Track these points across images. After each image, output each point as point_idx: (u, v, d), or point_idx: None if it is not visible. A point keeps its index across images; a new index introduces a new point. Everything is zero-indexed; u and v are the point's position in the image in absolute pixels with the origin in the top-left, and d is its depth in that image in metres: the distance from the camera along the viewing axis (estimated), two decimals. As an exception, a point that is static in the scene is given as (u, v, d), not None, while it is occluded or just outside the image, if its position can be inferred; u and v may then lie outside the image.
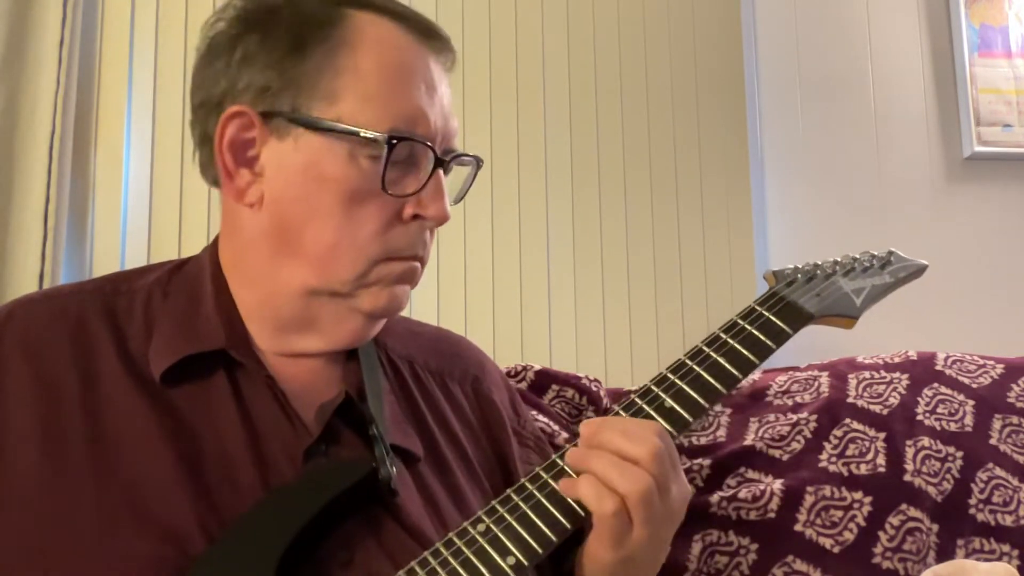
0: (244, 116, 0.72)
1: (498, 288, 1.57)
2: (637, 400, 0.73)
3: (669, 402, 0.73)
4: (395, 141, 0.70)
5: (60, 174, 1.37)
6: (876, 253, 0.87)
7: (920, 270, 0.86)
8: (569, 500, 0.68)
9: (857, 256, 0.87)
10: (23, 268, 1.35)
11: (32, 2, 1.41)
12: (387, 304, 0.75)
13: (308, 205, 0.72)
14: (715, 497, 1.14)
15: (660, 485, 0.66)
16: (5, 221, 1.37)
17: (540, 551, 0.66)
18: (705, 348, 0.78)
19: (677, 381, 0.74)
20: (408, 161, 0.73)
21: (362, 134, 0.70)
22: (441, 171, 0.75)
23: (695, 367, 0.76)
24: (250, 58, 0.73)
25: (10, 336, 0.72)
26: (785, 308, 0.80)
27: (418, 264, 0.77)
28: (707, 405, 0.73)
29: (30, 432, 0.68)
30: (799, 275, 0.84)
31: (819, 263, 0.85)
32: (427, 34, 0.76)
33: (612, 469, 0.66)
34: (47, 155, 1.37)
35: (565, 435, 1.20)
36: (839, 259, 0.86)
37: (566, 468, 0.70)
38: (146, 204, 1.46)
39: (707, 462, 1.19)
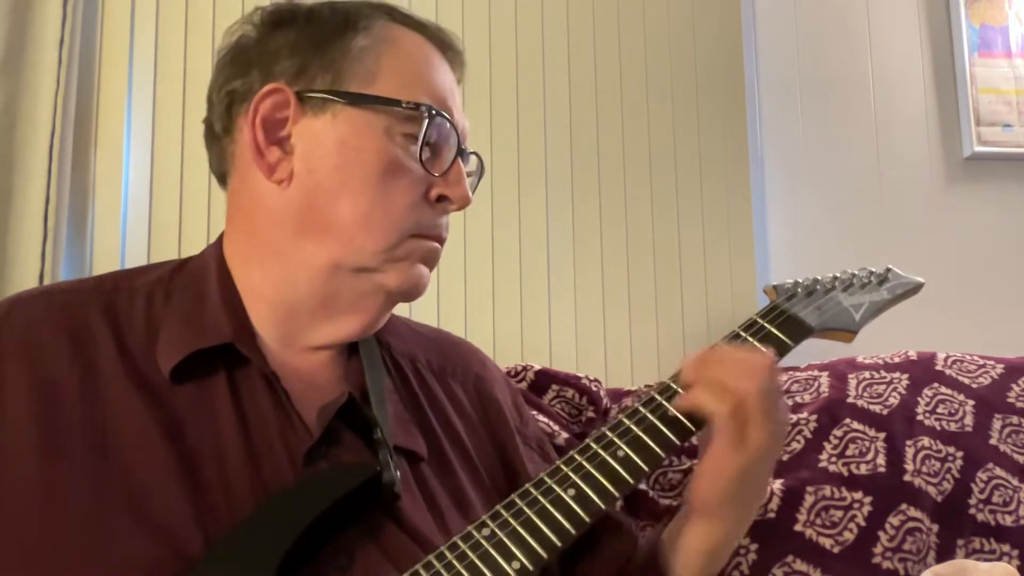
0: (280, 93, 0.74)
1: (498, 288, 1.57)
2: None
3: (672, 412, 0.73)
4: (435, 112, 0.74)
5: (60, 174, 1.37)
6: (874, 270, 0.89)
7: (916, 288, 0.88)
8: (574, 506, 0.68)
9: (856, 272, 0.88)
10: (23, 268, 1.35)
11: (32, 2, 1.41)
12: (413, 282, 0.76)
13: (343, 177, 0.73)
14: (715, 497, 1.14)
15: (773, 388, 0.70)
16: (5, 221, 1.37)
17: (545, 556, 0.65)
18: None
19: (682, 392, 0.74)
20: (435, 145, 0.77)
21: (404, 104, 0.73)
22: (460, 160, 0.78)
23: None
24: (288, 45, 0.76)
25: (8, 332, 0.72)
26: (786, 321, 0.81)
27: (440, 246, 0.79)
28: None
29: (27, 430, 0.67)
30: (799, 289, 0.85)
31: (819, 278, 0.87)
32: (447, 47, 0.82)
33: (731, 370, 0.70)
34: (47, 155, 1.37)
35: (565, 435, 1.20)
36: (838, 274, 0.88)
37: (567, 470, 0.70)
38: (146, 204, 1.46)
39: (707, 462, 1.19)
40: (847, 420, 1.21)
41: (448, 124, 0.76)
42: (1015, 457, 1.18)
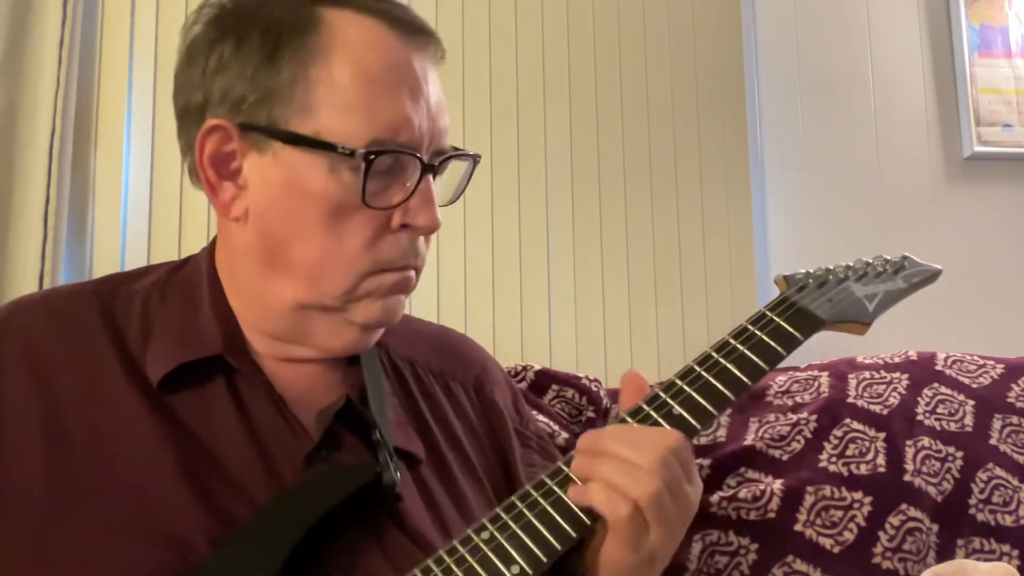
0: (222, 130, 0.71)
1: (498, 288, 1.57)
2: (645, 407, 0.71)
3: (678, 409, 0.71)
4: (372, 156, 0.68)
5: (60, 174, 1.37)
6: (889, 258, 0.85)
7: (934, 275, 0.84)
8: (575, 508, 0.66)
9: (870, 260, 0.84)
10: (23, 268, 1.35)
11: (32, 2, 1.41)
12: (380, 316, 0.74)
13: (292, 221, 0.70)
14: (715, 497, 1.14)
15: (671, 488, 0.65)
16: (5, 221, 1.37)
17: (545, 560, 0.65)
18: (714, 354, 0.75)
19: (686, 388, 0.72)
20: (393, 170, 0.71)
21: (339, 149, 0.68)
22: (430, 177, 0.72)
23: (704, 373, 0.73)
24: (225, 67, 0.71)
25: (9, 339, 0.72)
26: (796, 314, 0.78)
27: (412, 273, 0.74)
28: (716, 412, 0.72)
29: (30, 436, 0.67)
30: (810, 280, 0.82)
31: (831, 268, 0.83)
32: (410, 29, 0.73)
33: (621, 475, 0.64)
34: (47, 155, 1.36)
35: (565, 435, 1.20)
36: (851, 264, 0.84)
37: (567, 471, 0.68)
38: (146, 204, 1.46)
39: (707, 462, 1.19)
40: (847, 420, 1.21)
41: (402, 154, 0.69)
42: (1015, 457, 1.18)
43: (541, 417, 1.20)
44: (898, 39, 1.84)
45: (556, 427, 1.20)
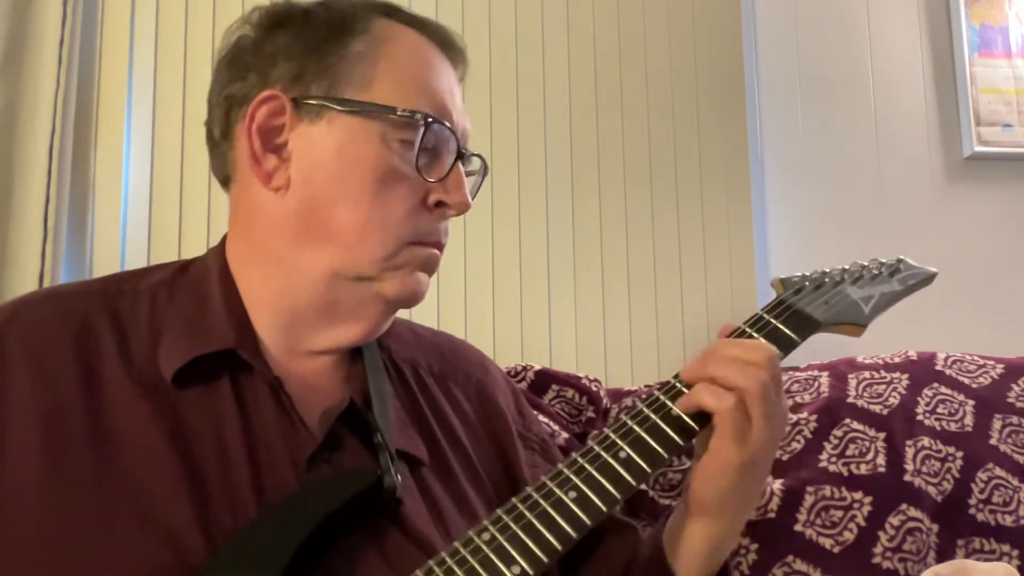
0: (276, 100, 0.74)
1: (498, 288, 1.57)
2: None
3: (676, 411, 0.72)
4: (431, 120, 0.73)
5: (60, 174, 1.37)
6: (885, 260, 0.86)
7: (930, 278, 0.85)
8: (575, 510, 0.67)
9: (866, 263, 0.86)
10: (23, 268, 1.35)
11: (32, 2, 1.41)
12: (412, 290, 0.76)
13: (340, 185, 0.73)
14: (715, 497, 1.14)
15: (776, 381, 0.70)
16: (5, 221, 1.37)
17: (546, 560, 0.65)
18: None
19: (685, 390, 0.73)
20: (433, 150, 0.75)
21: (399, 111, 0.73)
22: (460, 163, 0.77)
23: None
24: (284, 49, 0.75)
25: (13, 336, 0.72)
26: (793, 316, 0.79)
27: (439, 252, 0.78)
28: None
29: (32, 433, 0.67)
30: (807, 283, 0.83)
31: (827, 271, 0.85)
32: (447, 45, 0.80)
33: (731, 367, 0.69)
34: (47, 155, 1.37)
35: (565, 435, 1.20)
36: (847, 266, 0.85)
37: (568, 472, 0.69)
38: (146, 204, 1.46)
39: (707, 462, 1.19)
40: (847, 420, 1.21)
41: (446, 130, 0.75)
42: (1015, 457, 1.18)
43: (541, 417, 1.20)
44: (898, 39, 1.84)
45: (556, 427, 1.20)
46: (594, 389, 1.30)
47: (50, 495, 0.65)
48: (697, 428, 0.71)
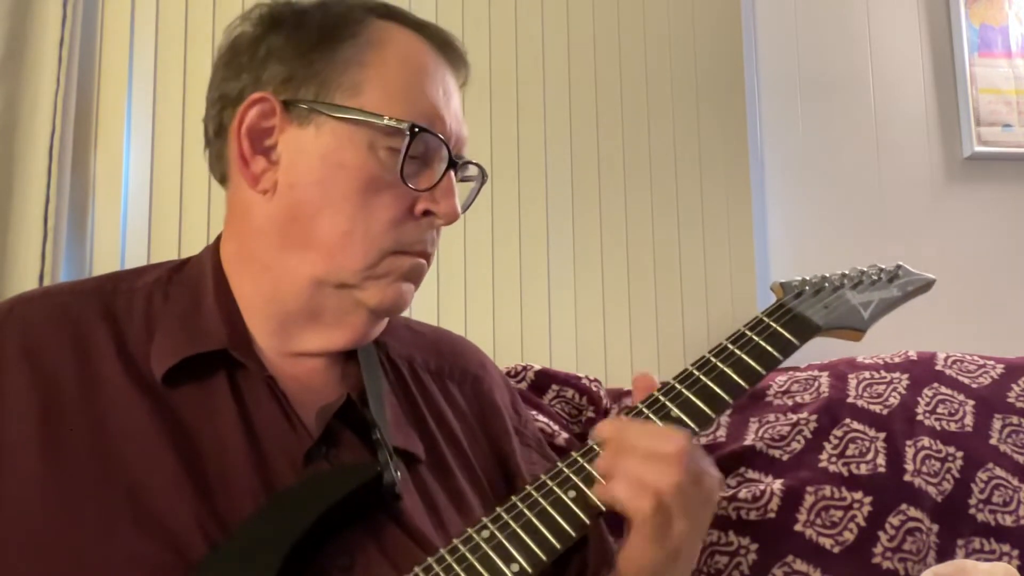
0: (266, 102, 0.74)
1: (498, 288, 1.57)
2: (644, 409, 0.73)
3: (676, 411, 0.72)
4: (417, 130, 0.72)
5: (60, 174, 1.37)
6: (884, 267, 0.87)
7: (928, 284, 0.86)
8: (574, 508, 0.67)
9: (865, 269, 0.86)
10: (23, 268, 1.35)
11: (32, 2, 1.41)
12: (393, 300, 0.75)
13: (324, 192, 0.72)
14: (715, 497, 1.14)
15: (693, 475, 0.66)
16: (5, 221, 1.37)
17: (544, 559, 0.65)
18: (712, 359, 0.77)
19: (684, 391, 0.74)
20: (423, 158, 0.75)
21: (385, 120, 0.72)
22: (452, 172, 0.76)
23: (702, 377, 0.75)
24: (276, 51, 0.75)
25: (9, 334, 0.72)
26: (792, 320, 0.79)
27: (425, 262, 0.77)
28: (713, 415, 0.73)
29: (29, 432, 0.67)
30: (807, 287, 0.84)
31: (827, 275, 0.86)
32: (446, 47, 0.79)
33: (645, 466, 0.66)
34: (47, 155, 1.37)
35: (565, 435, 1.20)
36: (847, 272, 0.86)
37: (568, 472, 0.69)
38: (146, 204, 1.46)
39: (707, 462, 1.19)
40: (847, 420, 1.21)
41: (436, 138, 0.74)
42: (1015, 457, 1.18)
43: (541, 417, 1.20)
44: (898, 39, 1.84)
45: (556, 427, 1.20)
46: (594, 389, 1.30)
47: (49, 494, 0.65)
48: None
